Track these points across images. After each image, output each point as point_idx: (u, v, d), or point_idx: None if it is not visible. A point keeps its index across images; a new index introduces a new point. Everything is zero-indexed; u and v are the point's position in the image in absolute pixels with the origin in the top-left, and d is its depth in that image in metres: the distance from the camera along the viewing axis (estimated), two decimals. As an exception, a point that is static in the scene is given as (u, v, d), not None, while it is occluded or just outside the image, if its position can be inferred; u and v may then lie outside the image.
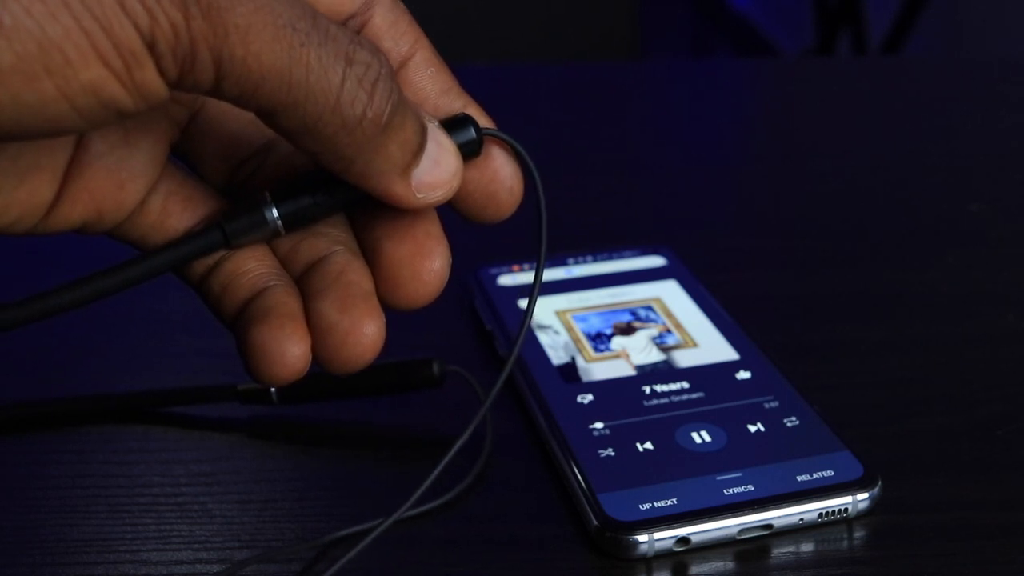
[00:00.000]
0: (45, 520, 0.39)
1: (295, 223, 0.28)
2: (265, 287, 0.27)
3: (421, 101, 0.28)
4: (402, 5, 0.29)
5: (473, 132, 0.28)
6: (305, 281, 0.28)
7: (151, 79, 0.22)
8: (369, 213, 0.28)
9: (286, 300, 0.27)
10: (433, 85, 0.29)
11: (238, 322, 0.27)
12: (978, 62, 0.88)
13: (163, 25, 0.22)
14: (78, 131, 0.24)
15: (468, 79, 0.31)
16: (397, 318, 0.28)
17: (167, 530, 0.38)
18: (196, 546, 0.37)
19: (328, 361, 0.27)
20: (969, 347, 0.48)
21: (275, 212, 0.27)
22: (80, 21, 0.21)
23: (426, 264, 0.28)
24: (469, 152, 0.28)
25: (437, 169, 0.26)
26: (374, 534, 0.31)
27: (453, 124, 0.28)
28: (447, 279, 0.28)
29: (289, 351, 0.26)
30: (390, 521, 0.31)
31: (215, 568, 0.36)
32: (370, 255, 0.28)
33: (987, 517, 0.38)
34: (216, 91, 0.23)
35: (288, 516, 0.39)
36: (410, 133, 0.26)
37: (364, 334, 0.27)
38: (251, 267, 0.28)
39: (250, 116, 0.28)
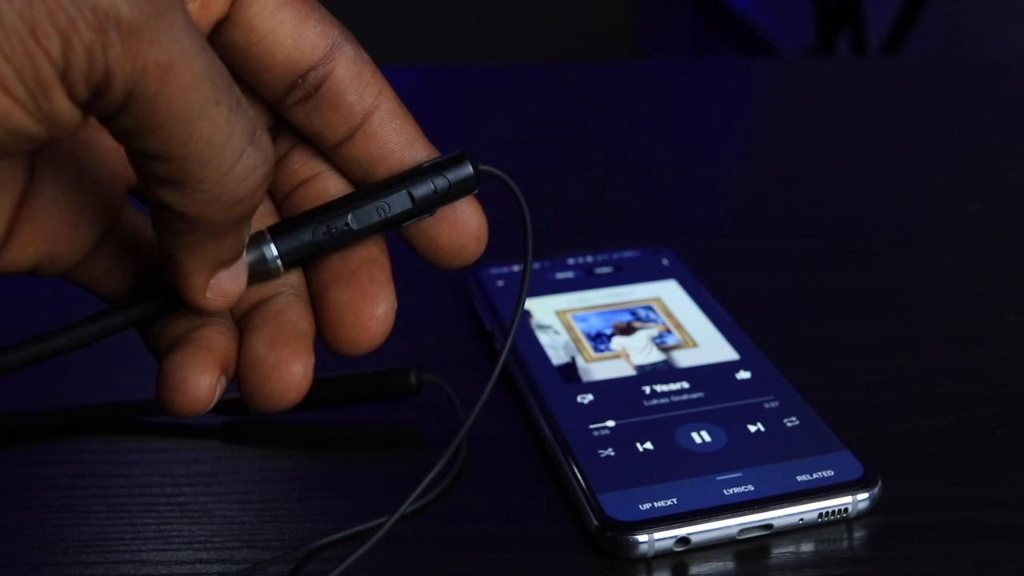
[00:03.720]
0: (45, 520, 0.39)
1: (294, 261, 0.28)
2: (199, 325, 0.27)
3: (386, 154, 0.28)
4: (366, 56, 0.28)
5: (470, 168, 0.28)
6: (245, 319, 0.28)
7: (61, 107, 0.21)
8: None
9: (210, 335, 0.27)
10: (398, 138, 0.29)
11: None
12: (978, 62, 0.88)
13: (77, 51, 0.20)
14: None
15: (468, 79, 0.31)
16: (397, 318, 0.28)
17: (167, 530, 0.38)
18: (196, 546, 0.37)
19: (252, 395, 0.27)
20: (969, 347, 0.48)
21: (275, 251, 0.27)
22: None
23: (368, 310, 0.28)
24: (467, 188, 0.28)
25: (236, 280, 0.26)
26: (358, 552, 0.31)
27: (450, 161, 0.28)
28: (391, 326, 0.28)
29: (193, 378, 0.26)
30: (376, 536, 0.31)
31: (215, 568, 0.36)
32: (317, 299, 0.28)
33: (987, 517, 0.38)
34: (110, 120, 0.22)
35: (288, 516, 0.39)
36: (244, 236, 0.26)
37: (290, 371, 0.27)
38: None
39: None
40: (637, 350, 0.45)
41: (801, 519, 0.37)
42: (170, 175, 0.23)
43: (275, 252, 0.27)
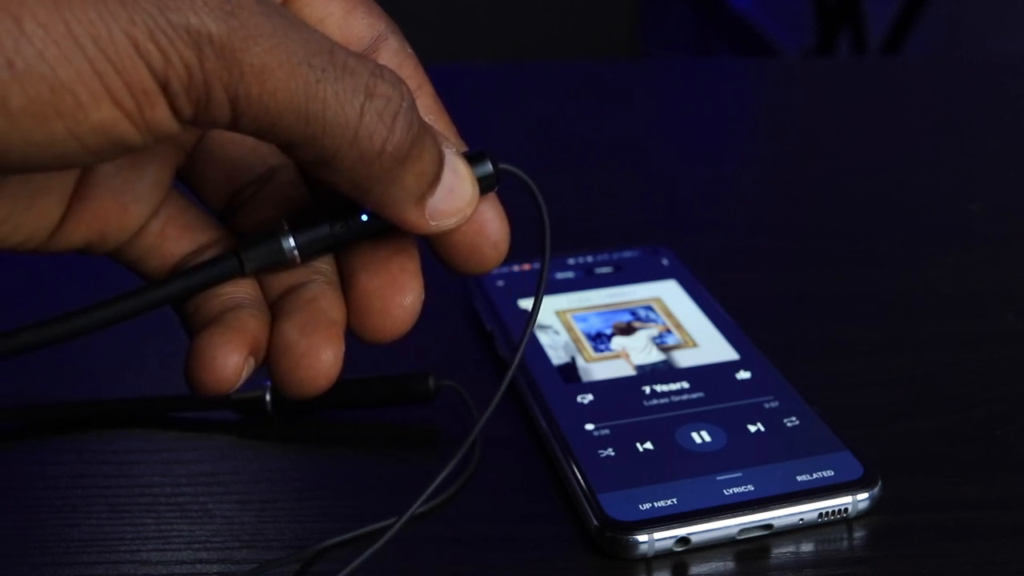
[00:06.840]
0: (45, 520, 0.39)
1: (311, 253, 0.28)
2: (233, 307, 0.27)
3: None
4: (409, 50, 0.29)
5: (490, 167, 0.28)
6: (278, 304, 0.28)
7: (162, 117, 0.23)
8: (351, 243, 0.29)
9: (242, 317, 0.27)
10: None
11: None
12: (978, 62, 0.88)
13: (176, 66, 0.22)
14: (84, 164, 0.24)
15: (468, 78, 0.31)
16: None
17: (167, 530, 0.38)
18: (196, 546, 0.37)
19: (281, 381, 0.27)
20: (969, 347, 0.48)
21: (292, 241, 0.27)
22: (93, 63, 0.21)
23: (396, 298, 0.28)
24: (486, 186, 0.28)
25: (451, 197, 0.27)
26: (374, 547, 0.31)
27: (470, 159, 0.28)
28: (418, 316, 0.28)
29: (221, 356, 0.26)
30: (389, 534, 0.31)
31: (215, 568, 0.36)
32: (345, 284, 0.29)
33: (987, 517, 0.38)
34: (234, 127, 0.24)
35: (288, 516, 0.39)
36: (427, 164, 0.26)
37: (320, 358, 0.27)
38: (227, 290, 0.28)
39: (252, 143, 0.29)
40: (637, 350, 0.45)
41: (801, 519, 0.37)
42: (310, 156, 0.24)
43: (292, 243, 0.27)
